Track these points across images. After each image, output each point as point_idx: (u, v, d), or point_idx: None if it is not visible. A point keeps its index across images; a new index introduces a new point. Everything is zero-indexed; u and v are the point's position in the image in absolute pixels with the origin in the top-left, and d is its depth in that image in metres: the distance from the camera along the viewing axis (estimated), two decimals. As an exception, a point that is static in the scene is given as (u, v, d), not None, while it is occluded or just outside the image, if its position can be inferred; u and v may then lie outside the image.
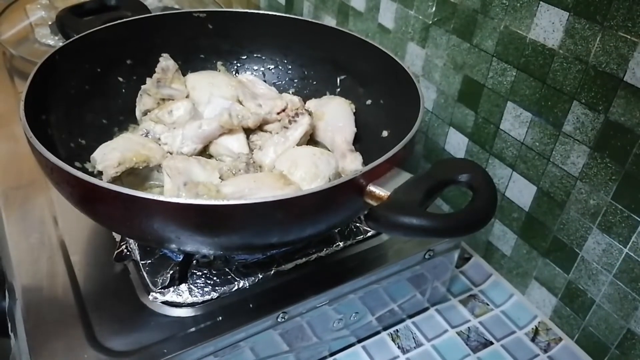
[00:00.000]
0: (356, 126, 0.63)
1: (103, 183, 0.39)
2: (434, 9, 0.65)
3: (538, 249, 0.61)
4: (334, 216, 0.44)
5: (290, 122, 0.59)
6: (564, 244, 0.57)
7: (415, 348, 0.58)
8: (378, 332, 0.59)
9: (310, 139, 0.63)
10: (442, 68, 0.67)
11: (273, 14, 0.70)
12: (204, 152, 0.60)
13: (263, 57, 0.72)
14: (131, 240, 0.52)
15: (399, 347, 0.58)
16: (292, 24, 0.69)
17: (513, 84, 0.58)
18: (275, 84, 0.71)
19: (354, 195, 0.43)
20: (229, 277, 0.50)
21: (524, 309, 0.63)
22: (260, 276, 0.51)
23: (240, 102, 0.64)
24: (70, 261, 0.52)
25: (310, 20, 0.69)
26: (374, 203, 0.42)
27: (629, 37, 0.46)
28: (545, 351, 0.59)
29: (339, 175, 0.56)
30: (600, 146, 0.51)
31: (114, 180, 0.52)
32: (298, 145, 0.59)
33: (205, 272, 0.51)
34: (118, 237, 0.53)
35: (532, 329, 0.61)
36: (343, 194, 0.42)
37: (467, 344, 0.59)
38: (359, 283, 0.52)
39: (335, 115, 0.63)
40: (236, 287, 0.50)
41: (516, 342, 0.59)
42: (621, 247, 0.51)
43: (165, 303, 0.48)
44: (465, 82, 0.64)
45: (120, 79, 0.65)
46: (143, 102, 0.63)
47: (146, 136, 0.60)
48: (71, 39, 0.59)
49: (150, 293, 0.49)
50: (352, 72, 0.68)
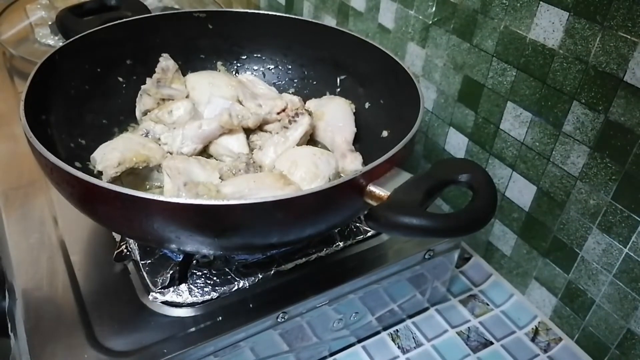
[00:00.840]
0: (356, 126, 0.63)
1: (103, 183, 0.39)
2: (434, 9, 0.65)
3: (538, 249, 0.61)
4: (334, 216, 0.44)
5: (290, 122, 0.59)
6: (564, 244, 0.57)
7: (415, 348, 0.58)
8: (378, 332, 0.59)
9: (310, 139, 0.63)
10: (442, 68, 0.67)
11: (273, 14, 0.70)
12: (204, 152, 0.60)
13: (263, 57, 0.72)
14: (131, 240, 0.52)
15: (399, 347, 0.58)
16: (292, 24, 0.69)
17: (513, 84, 0.58)
18: (275, 84, 0.71)
19: (354, 195, 0.43)
20: (229, 277, 0.50)
21: (524, 309, 0.63)
22: (260, 276, 0.51)
23: (240, 102, 0.64)
24: (70, 261, 0.52)
25: (310, 20, 0.69)
26: (374, 203, 0.42)
27: (629, 37, 0.46)
28: (545, 351, 0.58)
29: (339, 175, 0.56)
30: (600, 146, 0.51)
31: (114, 180, 0.52)
32: (298, 145, 0.59)
33: (205, 272, 0.51)
34: (118, 237, 0.53)
35: (532, 329, 0.61)
36: (343, 194, 0.42)
37: (467, 344, 0.59)
38: (359, 283, 0.52)
39: (335, 115, 0.63)
40: (236, 287, 0.50)
41: (516, 342, 0.59)
42: (621, 247, 0.51)
43: (165, 303, 0.48)
44: (465, 82, 0.64)
45: (120, 79, 0.65)
46: (143, 102, 0.63)
47: (146, 136, 0.60)
48: (71, 39, 0.59)
49: (150, 293, 0.49)
50: (352, 72, 0.68)
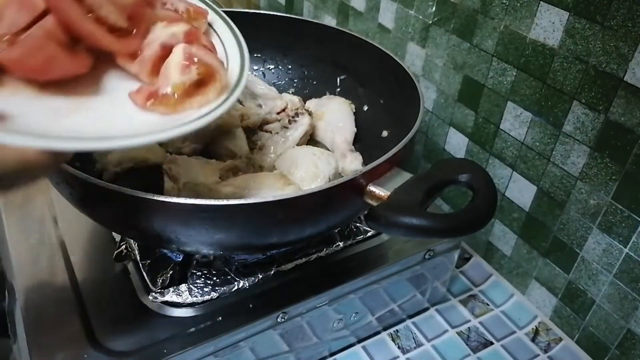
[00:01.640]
0: (356, 126, 0.63)
1: (103, 183, 0.39)
2: (434, 8, 0.65)
3: (538, 249, 0.61)
4: (334, 216, 0.44)
5: (290, 122, 0.59)
6: (564, 244, 0.57)
7: (415, 348, 0.58)
8: (378, 332, 0.59)
9: (310, 139, 0.63)
10: (442, 68, 0.67)
11: (273, 14, 0.70)
12: (204, 152, 0.60)
13: (263, 57, 0.72)
14: (131, 240, 0.52)
15: (399, 347, 0.58)
16: (292, 24, 0.69)
17: (513, 83, 0.58)
18: (275, 84, 0.71)
19: (354, 195, 0.43)
20: (229, 277, 0.50)
21: (524, 309, 0.63)
22: (260, 276, 0.51)
23: (241, 102, 0.64)
24: (70, 261, 0.52)
25: (311, 20, 0.69)
26: (374, 203, 0.42)
27: (629, 37, 0.46)
28: (546, 351, 0.58)
29: (339, 175, 0.56)
30: (600, 146, 0.51)
31: (113, 179, 0.52)
32: (298, 145, 0.59)
33: (205, 272, 0.51)
34: (118, 237, 0.53)
35: (532, 329, 0.61)
36: (343, 194, 0.42)
37: (467, 344, 0.59)
38: (359, 283, 0.52)
39: (335, 115, 0.63)
40: (236, 287, 0.50)
41: (516, 342, 0.59)
42: (621, 247, 0.51)
43: (165, 303, 0.48)
44: (465, 82, 0.64)
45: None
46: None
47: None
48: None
49: (150, 293, 0.49)
50: (352, 72, 0.68)
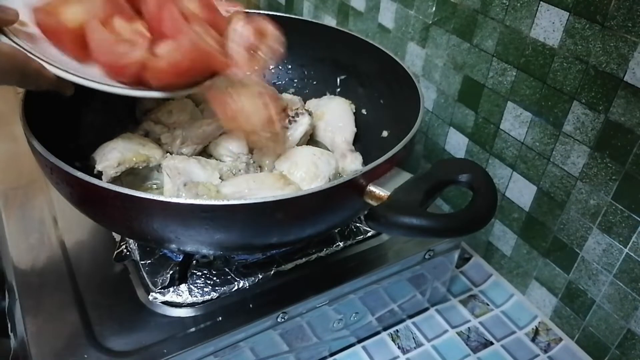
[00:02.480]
0: (356, 126, 0.63)
1: (103, 183, 0.39)
2: (434, 9, 0.65)
3: (538, 249, 0.61)
4: (334, 216, 0.44)
5: (290, 122, 0.59)
6: (564, 244, 0.57)
7: (415, 348, 0.58)
8: (378, 332, 0.59)
9: (310, 139, 0.63)
10: (442, 68, 0.67)
11: (273, 14, 0.69)
12: (204, 152, 0.60)
13: (263, 57, 0.72)
14: (131, 241, 0.52)
15: (399, 347, 0.58)
16: (291, 23, 0.69)
17: (513, 84, 0.58)
18: (275, 84, 0.71)
19: (354, 196, 0.43)
20: (229, 277, 0.50)
21: (524, 309, 0.63)
22: (260, 276, 0.51)
23: None
24: (70, 261, 0.52)
25: (310, 20, 0.69)
26: (374, 203, 0.42)
27: (629, 37, 0.46)
28: (546, 351, 0.58)
29: (339, 175, 0.56)
30: (600, 146, 0.51)
31: (114, 180, 0.52)
32: (298, 145, 0.59)
33: (205, 272, 0.51)
34: (118, 237, 0.53)
35: (533, 329, 0.61)
36: (343, 194, 0.42)
37: (467, 344, 0.59)
38: (359, 283, 0.52)
39: (335, 115, 0.63)
40: (236, 287, 0.50)
41: (516, 343, 0.59)
42: (621, 247, 0.51)
43: (165, 303, 0.48)
44: (465, 82, 0.64)
45: (120, 79, 0.65)
46: (143, 102, 0.63)
47: (146, 136, 0.59)
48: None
49: (150, 293, 0.49)
50: (352, 72, 0.68)
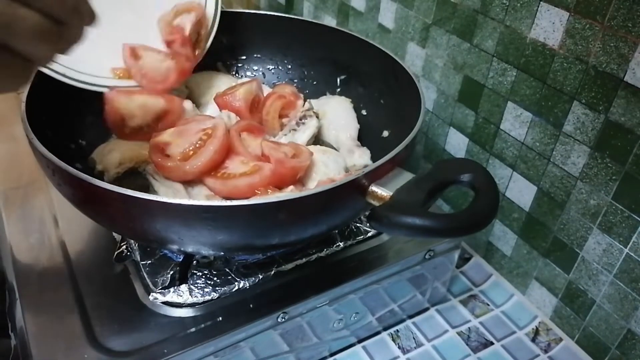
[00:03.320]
0: (356, 125, 0.64)
1: (106, 184, 0.39)
2: (434, 9, 0.65)
3: (538, 249, 0.61)
4: (336, 216, 0.44)
5: (297, 124, 0.59)
6: (565, 244, 0.57)
7: (415, 348, 0.58)
8: (378, 332, 0.59)
9: (314, 138, 0.63)
10: (442, 68, 0.67)
11: (273, 14, 0.70)
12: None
13: (263, 58, 0.72)
14: (131, 241, 0.52)
15: (399, 347, 0.58)
16: (292, 24, 0.69)
17: (513, 84, 0.58)
18: (275, 85, 0.71)
19: (356, 196, 0.43)
20: (229, 277, 0.50)
21: (524, 309, 0.63)
22: (261, 276, 0.51)
23: None
24: (70, 261, 0.52)
25: (311, 20, 0.69)
26: (376, 203, 0.42)
27: (629, 37, 0.46)
28: (546, 351, 0.59)
29: (348, 171, 0.57)
30: (600, 146, 0.51)
31: (115, 180, 0.52)
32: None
33: (206, 272, 0.51)
34: (118, 238, 0.53)
35: (533, 329, 0.61)
36: (345, 194, 0.42)
37: (467, 344, 0.59)
38: (359, 283, 0.52)
39: (337, 113, 0.63)
40: (236, 288, 0.50)
41: (516, 343, 0.59)
42: (621, 247, 0.51)
43: (166, 303, 0.48)
44: (465, 82, 0.64)
45: (121, 79, 0.65)
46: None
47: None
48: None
49: (151, 293, 0.49)
50: (352, 72, 0.68)
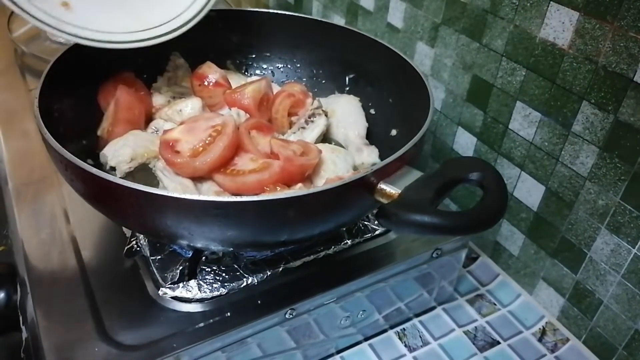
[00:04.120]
0: (365, 124, 0.64)
1: (119, 180, 0.39)
2: (443, 8, 0.65)
3: (546, 249, 0.61)
4: (344, 214, 0.45)
5: (306, 122, 0.60)
6: (572, 244, 0.57)
7: (422, 347, 0.58)
8: (385, 331, 0.59)
9: (323, 137, 0.63)
10: (451, 67, 0.67)
11: (282, 13, 0.70)
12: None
13: (272, 56, 0.72)
14: (141, 237, 0.53)
15: (405, 346, 0.58)
16: (301, 23, 0.69)
17: (522, 83, 0.58)
18: (285, 83, 0.72)
19: (365, 193, 0.43)
20: (238, 273, 0.51)
21: (531, 309, 0.63)
22: (269, 273, 0.51)
23: None
24: (81, 256, 0.53)
25: (319, 19, 0.69)
26: (384, 201, 0.42)
27: (640, 37, 0.46)
28: (553, 351, 0.58)
29: (357, 169, 0.57)
30: (609, 146, 0.51)
31: (126, 176, 0.52)
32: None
33: (214, 268, 0.51)
34: (128, 233, 0.54)
35: (540, 329, 0.61)
36: (354, 191, 0.42)
37: (474, 344, 0.59)
38: (366, 281, 0.53)
39: (346, 111, 0.64)
40: (244, 284, 0.50)
41: (523, 342, 0.59)
42: (630, 247, 0.51)
43: (175, 298, 0.49)
44: (474, 82, 0.64)
45: (131, 76, 0.66)
46: (154, 100, 0.63)
47: (155, 133, 0.60)
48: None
49: (160, 288, 0.49)
50: (360, 71, 0.68)
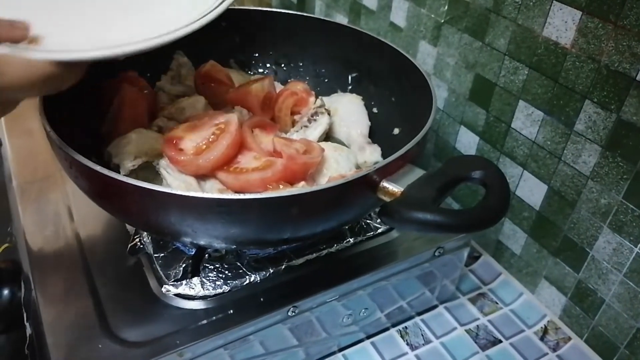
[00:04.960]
0: (367, 123, 0.64)
1: (123, 177, 0.39)
2: (446, 7, 0.65)
3: (548, 248, 0.61)
4: (347, 212, 0.45)
5: (309, 121, 0.60)
6: (575, 243, 0.57)
7: (424, 345, 0.58)
8: (387, 329, 0.60)
9: (326, 135, 0.63)
10: (454, 66, 0.67)
11: (285, 12, 0.70)
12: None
13: (275, 55, 0.72)
14: (144, 234, 0.53)
15: (407, 344, 0.58)
16: (303, 22, 0.69)
17: (525, 82, 0.58)
18: (288, 82, 0.72)
19: (368, 191, 0.43)
20: (241, 271, 0.51)
21: (533, 308, 0.63)
22: (271, 271, 0.51)
23: None
24: (85, 253, 0.53)
25: (322, 18, 0.69)
26: (387, 199, 0.43)
27: (643, 36, 0.46)
28: (554, 350, 0.59)
29: (360, 168, 0.57)
30: (611, 145, 0.51)
31: (130, 173, 0.52)
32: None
33: (217, 266, 0.51)
34: (132, 231, 0.54)
35: (541, 328, 0.61)
36: (357, 189, 0.43)
37: (475, 342, 0.59)
38: (369, 279, 0.53)
39: (348, 110, 0.64)
40: (247, 281, 0.50)
41: (525, 341, 0.59)
42: (632, 246, 0.51)
43: (178, 295, 0.49)
44: (476, 81, 0.64)
45: (135, 75, 0.66)
46: (157, 99, 0.64)
47: (159, 131, 0.60)
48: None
49: (164, 285, 0.49)
50: (363, 70, 0.68)
